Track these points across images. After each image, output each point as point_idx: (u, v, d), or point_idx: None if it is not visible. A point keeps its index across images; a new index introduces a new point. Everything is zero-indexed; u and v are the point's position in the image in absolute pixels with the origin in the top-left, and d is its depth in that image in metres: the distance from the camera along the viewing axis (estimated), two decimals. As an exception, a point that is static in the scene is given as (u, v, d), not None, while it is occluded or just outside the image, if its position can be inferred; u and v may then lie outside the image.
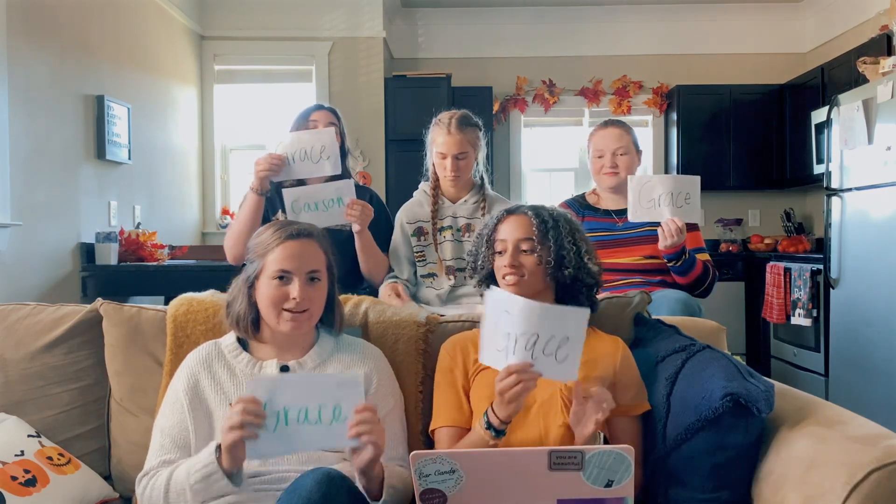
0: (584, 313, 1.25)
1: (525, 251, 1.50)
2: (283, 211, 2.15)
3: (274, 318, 1.42)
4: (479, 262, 1.59)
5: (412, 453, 1.10)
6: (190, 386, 1.41)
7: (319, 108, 2.35)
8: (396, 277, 2.28)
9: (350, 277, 2.27)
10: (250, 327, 1.45)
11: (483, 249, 1.57)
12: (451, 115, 2.24)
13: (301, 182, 2.18)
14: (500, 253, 1.52)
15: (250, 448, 1.21)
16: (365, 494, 1.29)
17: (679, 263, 2.21)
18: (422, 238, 2.29)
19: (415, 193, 2.39)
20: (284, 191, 2.09)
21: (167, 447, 1.38)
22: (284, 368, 1.44)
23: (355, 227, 2.13)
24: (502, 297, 1.28)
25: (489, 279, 1.58)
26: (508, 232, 1.52)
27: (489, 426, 1.30)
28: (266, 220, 2.20)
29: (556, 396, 1.39)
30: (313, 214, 2.02)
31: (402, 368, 1.62)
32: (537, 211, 1.53)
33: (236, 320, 1.46)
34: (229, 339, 1.50)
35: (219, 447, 1.25)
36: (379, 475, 1.29)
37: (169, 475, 1.32)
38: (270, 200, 2.25)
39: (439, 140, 2.23)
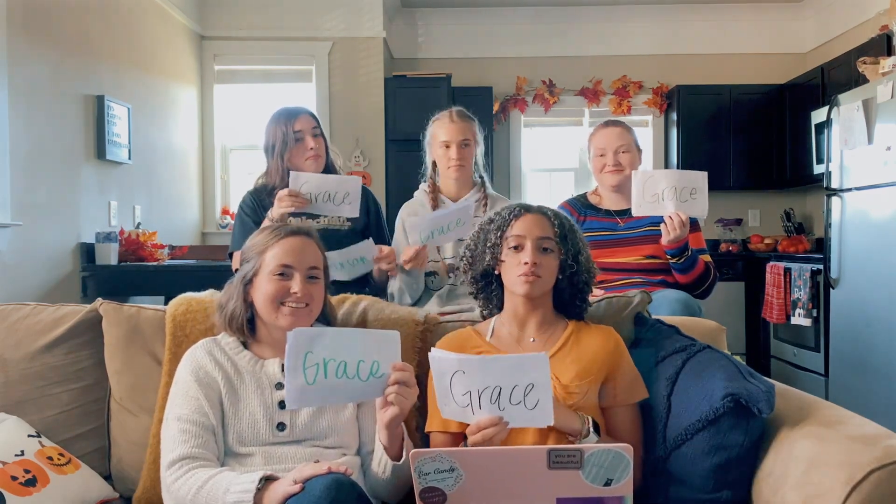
0: (542, 359, 1.22)
1: (546, 250, 1.46)
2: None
3: (273, 314, 1.41)
4: (481, 265, 1.51)
5: (411, 452, 1.10)
6: (200, 377, 1.40)
7: (301, 113, 2.27)
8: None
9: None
10: (245, 327, 1.45)
11: (491, 245, 1.49)
12: (451, 109, 2.31)
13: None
14: (514, 248, 1.46)
15: (289, 396, 1.25)
16: (384, 457, 1.33)
17: (681, 260, 2.21)
18: (422, 237, 2.29)
19: (416, 193, 2.40)
20: None
21: (192, 431, 1.34)
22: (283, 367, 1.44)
23: (383, 267, 2.14)
24: (450, 358, 1.24)
25: (485, 277, 1.54)
26: (526, 228, 1.46)
27: None
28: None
29: None
30: (337, 272, 2.06)
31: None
32: (555, 212, 1.52)
33: (229, 320, 1.44)
34: (228, 337, 1.49)
35: (262, 480, 1.21)
36: (400, 435, 1.34)
37: (206, 479, 1.26)
38: (264, 208, 2.23)
39: (441, 131, 2.27)
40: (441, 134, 2.27)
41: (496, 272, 1.51)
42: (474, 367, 1.22)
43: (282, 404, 1.40)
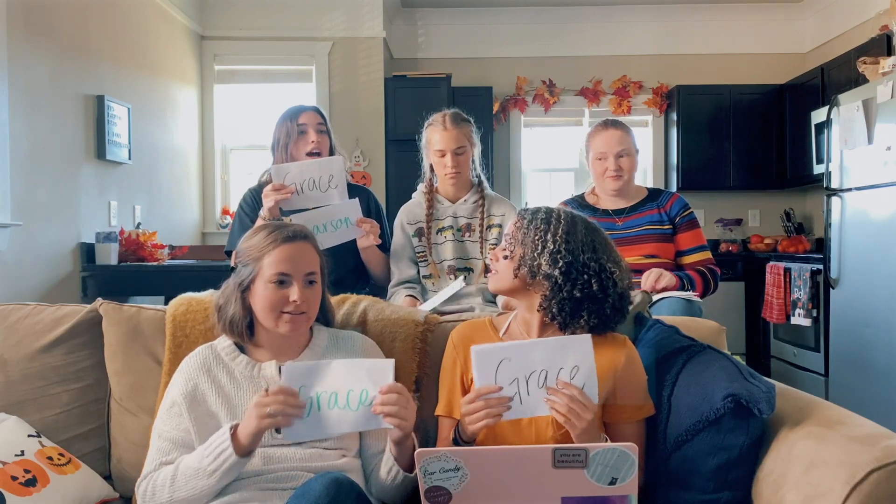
0: (585, 340, 1.23)
1: (506, 256, 1.46)
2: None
3: (273, 322, 1.41)
4: None
5: (417, 451, 1.10)
6: (188, 391, 1.41)
7: (307, 109, 2.30)
8: (409, 285, 2.28)
9: (350, 277, 2.27)
10: (245, 332, 1.45)
11: None
12: (444, 114, 2.27)
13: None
14: None
15: (286, 432, 1.27)
16: (395, 467, 1.35)
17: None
18: (422, 239, 2.30)
19: (414, 195, 2.40)
20: (295, 217, 2.09)
21: (166, 449, 1.39)
22: (279, 369, 1.44)
23: (366, 242, 2.15)
24: (494, 348, 1.25)
25: None
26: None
27: (456, 443, 1.33)
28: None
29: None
30: (323, 235, 2.05)
31: (397, 366, 1.58)
32: (523, 212, 1.49)
33: (230, 325, 1.44)
34: (225, 341, 1.49)
35: (232, 428, 1.28)
36: (410, 447, 1.34)
37: (175, 466, 1.33)
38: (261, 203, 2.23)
39: (436, 138, 2.25)
40: (435, 142, 2.25)
41: None
42: (519, 353, 1.23)
43: None
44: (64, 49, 3.25)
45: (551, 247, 1.40)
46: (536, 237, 1.42)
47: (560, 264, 1.38)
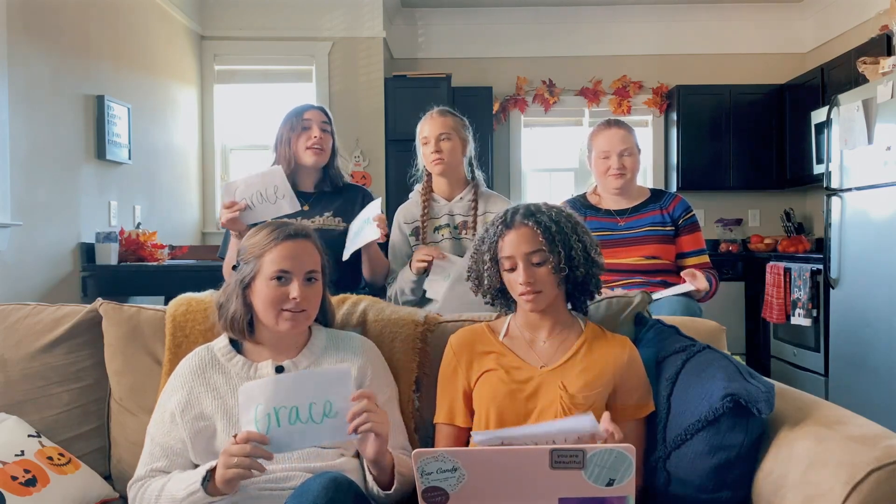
0: (588, 419, 1.19)
1: (536, 264, 1.43)
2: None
3: (273, 319, 1.41)
4: (487, 282, 1.51)
5: (414, 452, 1.10)
6: (182, 399, 1.41)
7: (313, 108, 2.31)
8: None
9: (348, 277, 2.27)
10: (245, 329, 1.44)
11: (487, 267, 1.49)
12: (433, 109, 2.34)
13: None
14: (510, 270, 1.46)
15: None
16: (375, 487, 1.32)
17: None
18: (419, 238, 2.30)
19: (411, 195, 2.41)
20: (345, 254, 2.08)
21: (157, 455, 1.40)
22: (279, 369, 1.44)
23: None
24: (493, 438, 1.22)
25: (501, 295, 1.54)
26: (514, 247, 1.44)
27: None
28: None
29: (555, 402, 1.39)
30: (353, 243, 2.04)
31: (397, 367, 1.62)
32: (537, 219, 1.45)
33: (231, 323, 1.44)
34: (222, 341, 1.49)
35: (209, 472, 1.26)
36: (389, 464, 1.32)
37: (161, 486, 1.33)
38: None
39: (423, 128, 2.30)
40: (422, 131, 2.30)
41: (503, 284, 1.51)
42: (523, 433, 1.21)
43: None
44: (64, 49, 3.25)
45: (587, 239, 1.48)
46: (567, 235, 1.44)
47: (582, 252, 1.45)
